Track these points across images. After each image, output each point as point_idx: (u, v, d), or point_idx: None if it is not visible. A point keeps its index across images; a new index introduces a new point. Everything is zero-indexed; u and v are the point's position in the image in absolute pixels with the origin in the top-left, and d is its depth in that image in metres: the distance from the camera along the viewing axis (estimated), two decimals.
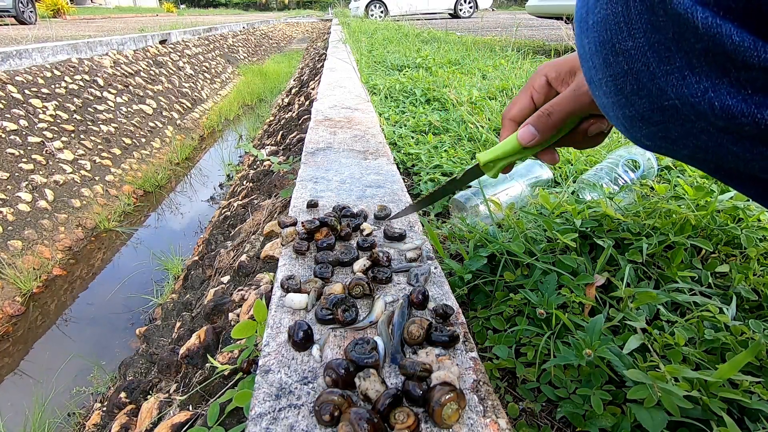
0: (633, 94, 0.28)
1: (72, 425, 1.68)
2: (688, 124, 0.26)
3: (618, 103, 0.29)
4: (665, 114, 0.27)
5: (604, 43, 0.28)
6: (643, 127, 0.29)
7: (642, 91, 0.27)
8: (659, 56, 0.25)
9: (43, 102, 3.96)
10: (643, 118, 0.28)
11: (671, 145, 0.29)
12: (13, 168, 3.25)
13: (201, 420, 0.76)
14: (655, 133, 0.29)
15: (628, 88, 0.28)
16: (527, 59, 2.94)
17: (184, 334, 1.30)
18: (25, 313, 2.57)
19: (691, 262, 0.73)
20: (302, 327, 0.52)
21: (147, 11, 20.03)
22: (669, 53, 0.24)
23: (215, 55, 8.87)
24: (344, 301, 0.56)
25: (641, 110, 0.28)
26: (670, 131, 0.28)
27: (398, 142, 1.57)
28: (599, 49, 0.29)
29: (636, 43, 0.26)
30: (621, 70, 0.28)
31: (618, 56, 0.27)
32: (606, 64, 0.28)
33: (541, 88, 0.53)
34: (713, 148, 0.26)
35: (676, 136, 0.28)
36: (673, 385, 0.47)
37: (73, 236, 3.20)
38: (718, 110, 0.24)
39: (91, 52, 5.22)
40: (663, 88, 0.26)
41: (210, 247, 2.13)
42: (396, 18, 8.76)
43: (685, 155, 0.29)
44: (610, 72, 0.28)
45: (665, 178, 1.13)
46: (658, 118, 0.27)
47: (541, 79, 0.53)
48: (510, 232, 0.82)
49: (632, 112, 0.29)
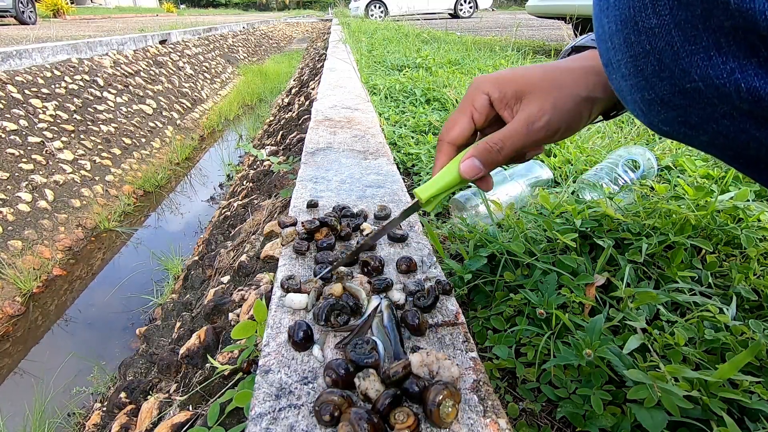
0: (654, 75, 0.27)
1: (72, 425, 1.68)
2: (709, 108, 0.25)
3: (637, 85, 0.28)
4: (687, 97, 0.26)
5: (626, 21, 0.27)
6: (662, 112, 0.28)
7: (664, 72, 0.26)
8: (685, 35, 0.24)
9: (43, 102, 3.96)
10: (663, 102, 0.27)
11: (690, 131, 0.28)
12: (13, 168, 3.25)
13: (201, 420, 0.76)
14: (675, 117, 0.28)
15: (649, 69, 0.27)
16: (527, 59, 2.94)
17: (184, 334, 1.30)
18: (25, 313, 2.57)
19: (691, 262, 0.73)
20: (302, 327, 0.52)
21: (147, 11, 20.03)
22: (695, 32, 0.23)
23: (215, 55, 8.87)
24: (336, 307, 0.55)
25: (661, 93, 0.27)
26: (690, 116, 0.27)
27: (398, 142, 1.57)
28: (620, 28, 0.27)
29: (661, 20, 0.25)
30: (642, 49, 0.26)
31: (641, 35, 0.26)
32: (627, 43, 0.27)
33: (482, 109, 0.49)
34: (735, 133, 0.25)
35: (696, 122, 0.27)
36: (673, 385, 0.47)
37: (73, 236, 3.20)
38: (744, 92, 0.23)
39: (91, 52, 5.22)
40: (686, 69, 0.25)
41: (210, 247, 2.13)
42: (396, 18, 8.76)
43: (703, 142, 0.28)
44: (631, 52, 0.27)
45: (665, 178, 1.13)
46: (679, 101, 0.26)
47: (482, 98, 0.48)
48: (510, 232, 0.82)
49: (651, 95, 0.28)
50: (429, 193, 0.50)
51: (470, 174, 0.47)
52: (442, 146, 0.51)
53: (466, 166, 0.47)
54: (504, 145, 0.45)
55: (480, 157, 0.47)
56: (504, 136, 0.45)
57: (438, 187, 0.50)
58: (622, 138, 1.41)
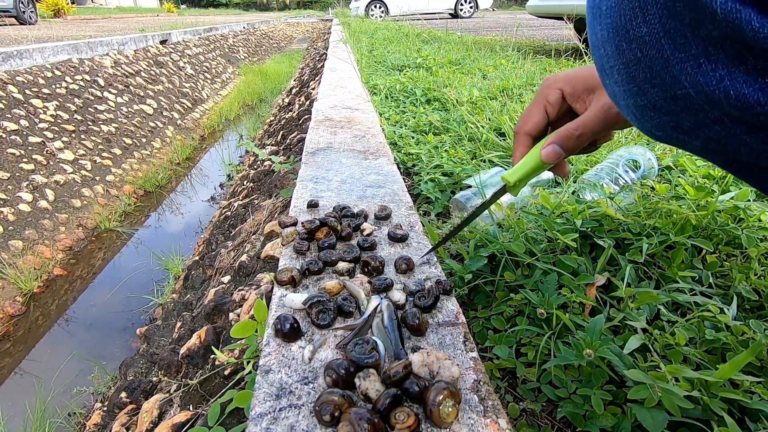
0: (645, 82, 0.27)
1: (73, 425, 1.68)
2: (701, 114, 0.25)
3: (629, 91, 0.29)
4: (678, 103, 0.26)
5: (618, 29, 0.27)
6: (655, 117, 0.28)
7: (655, 79, 0.26)
8: (674, 43, 0.24)
9: (43, 102, 3.96)
10: (655, 108, 0.28)
11: (683, 136, 0.28)
12: (13, 168, 3.25)
13: (201, 420, 0.76)
14: (667, 123, 0.28)
15: (641, 76, 0.27)
16: (528, 59, 2.94)
17: (185, 334, 1.30)
18: (25, 313, 2.57)
19: (692, 262, 0.73)
20: (288, 319, 0.53)
21: (147, 11, 20.04)
22: (684, 40, 0.24)
23: (216, 55, 8.87)
24: (320, 303, 0.56)
25: (653, 99, 0.27)
26: (682, 121, 0.27)
27: (399, 142, 1.57)
28: (612, 36, 0.28)
29: (651, 29, 0.25)
30: (634, 57, 0.27)
31: (631, 43, 0.26)
32: (618, 51, 0.28)
33: (555, 102, 0.54)
34: (726, 139, 0.26)
35: (688, 127, 0.27)
36: (673, 385, 0.47)
37: (73, 236, 3.20)
38: (734, 99, 0.23)
39: (91, 52, 5.22)
40: (677, 77, 0.25)
41: (210, 247, 2.13)
42: (396, 18, 8.76)
43: (696, 146, 0.29)
44: (623, 59, 0.28)
45: (666, 178, 1.12)
46: (671, 107, 0.27)
47: (555, 93, 0.54)
48: (510, 232, 0.82)
49: (644, 101, 0.28)
50: (516, 177, 0.55)
51: (551, 158, 0.52)
52: (519, 138, 0.57)
53: (548, 152, 0.52)
54: (583, 131, 0.49)
55: (560, 142, 0.51)
56: (583, 122, 0.50)
57: (523, 172, 0.55)
58: (622, 138, 1.41)
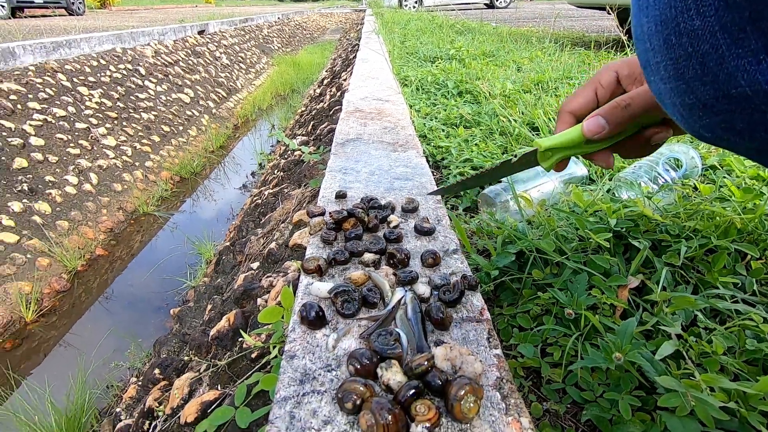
0: (696, 79, 0.25)
1: (110, 396, 1.78)
2: (757, 115, 0.24)
3: (677, 89, 0.27)
4: (732, 102, 0.24)
5: (667, 22, 0.25)
6: (704, 117, 0.27)
7: (707, 76, 0.25)
8: (731, 38, 0.23)
9: (89, 90, 4.16)
10: (706, 107, 0.26)
11: (735, 138, 0.26)
12: (61, 152, 3.44)
13: (229, 399, 0.79)
14: (718, 123, 0.26)
15: (691, 73, 0.25)
16: (565, 51, 2.84)
17: (215, 316, 1.35)
18: (70, 289, 2.74)
19: (735, 267, 0.69)
20: (314, 307, 0.54)
21: (187, 2, 20.57)
22: (743, 34, 0.22)
23: (250, 46, 9.03)
24: (345, 292, 0.56)
25: (704, 98, 0.26)
26: (736, 122, 0.25)
27: (428, 135, 1.55)
28: (660, 29, 0.26)
29: (705, 22, 0.23)
30: (684, 52, 0.25)
31: (681, 37, 0.25)
32: (667, 45, 0.26)
33: (608, 85, 0.49)
34: None
35: (742, 128, 0.25)
36: (708, 395, 0.45)
37: (114, 218, 3.36)
38: None
39: (133, 42, 5.42)
40: (732, 74, 0.23)
41: (241, 234, 2.19)
42: (430, 9, 8.64)
43: (751, 149, 0.27)
44: (671, 54, 0.26)
45: (710, 178, 1.07)
46: (724, 107, 0.25)
47: (610, 75, 0.49)
48: (540, 230, 0.81)
49: (692, 100, 0.26)
50: (548, 144, 0.48)
51: (593, 131, 0.45)
52: (562, 116, 0.51)
53: (590, 123, 0.45)
54: (632, 102, 0.43)
55: (605, 113, 0.44)
56: (633, 94, 0.44)
57: (558, 141, 0.48)
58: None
